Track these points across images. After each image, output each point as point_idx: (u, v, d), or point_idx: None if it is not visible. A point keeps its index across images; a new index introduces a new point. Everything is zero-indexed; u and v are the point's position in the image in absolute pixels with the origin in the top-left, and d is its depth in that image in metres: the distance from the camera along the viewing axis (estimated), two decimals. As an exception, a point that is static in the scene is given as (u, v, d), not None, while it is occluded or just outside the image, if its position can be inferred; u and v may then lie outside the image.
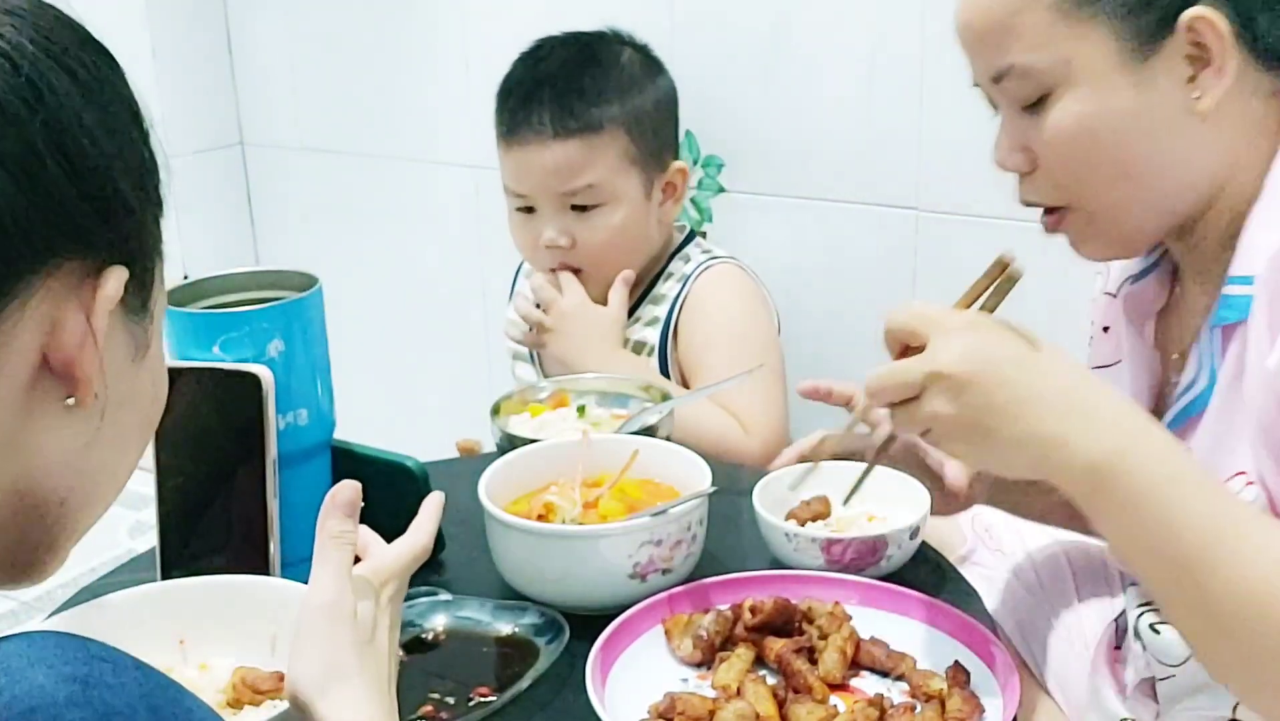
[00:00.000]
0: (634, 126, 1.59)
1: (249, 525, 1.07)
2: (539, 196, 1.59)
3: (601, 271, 1.62)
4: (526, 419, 1.38)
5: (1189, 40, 0.90)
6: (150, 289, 0.65)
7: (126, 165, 0.62)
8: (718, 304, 1.62)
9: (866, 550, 1.08)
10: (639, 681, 0.97)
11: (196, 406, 1.08)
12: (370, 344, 2.31)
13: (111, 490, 0.67)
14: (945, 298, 1.47)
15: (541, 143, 1.56)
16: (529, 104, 1.58)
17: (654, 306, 1.65)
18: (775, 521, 1.11)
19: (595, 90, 1.58)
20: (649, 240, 1.65)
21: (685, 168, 1.66)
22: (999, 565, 1.27)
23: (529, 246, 1.64)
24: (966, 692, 0.93)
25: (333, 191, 2.35)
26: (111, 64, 0.63)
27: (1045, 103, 0.95)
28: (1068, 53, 0.93)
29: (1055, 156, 0.96)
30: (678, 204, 1.66)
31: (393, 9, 2.16)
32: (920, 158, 1.71)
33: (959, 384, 0.82)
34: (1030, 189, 1.00)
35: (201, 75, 2.36)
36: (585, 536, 1.05)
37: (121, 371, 0.63)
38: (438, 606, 1.08)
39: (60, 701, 0.48)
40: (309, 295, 1.11)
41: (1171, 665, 1.00)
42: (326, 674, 0.72)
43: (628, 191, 1.59)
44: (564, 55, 1.62)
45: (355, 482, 0.82)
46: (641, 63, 1.65)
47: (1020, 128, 0.98)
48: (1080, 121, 0.94)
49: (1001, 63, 0.95)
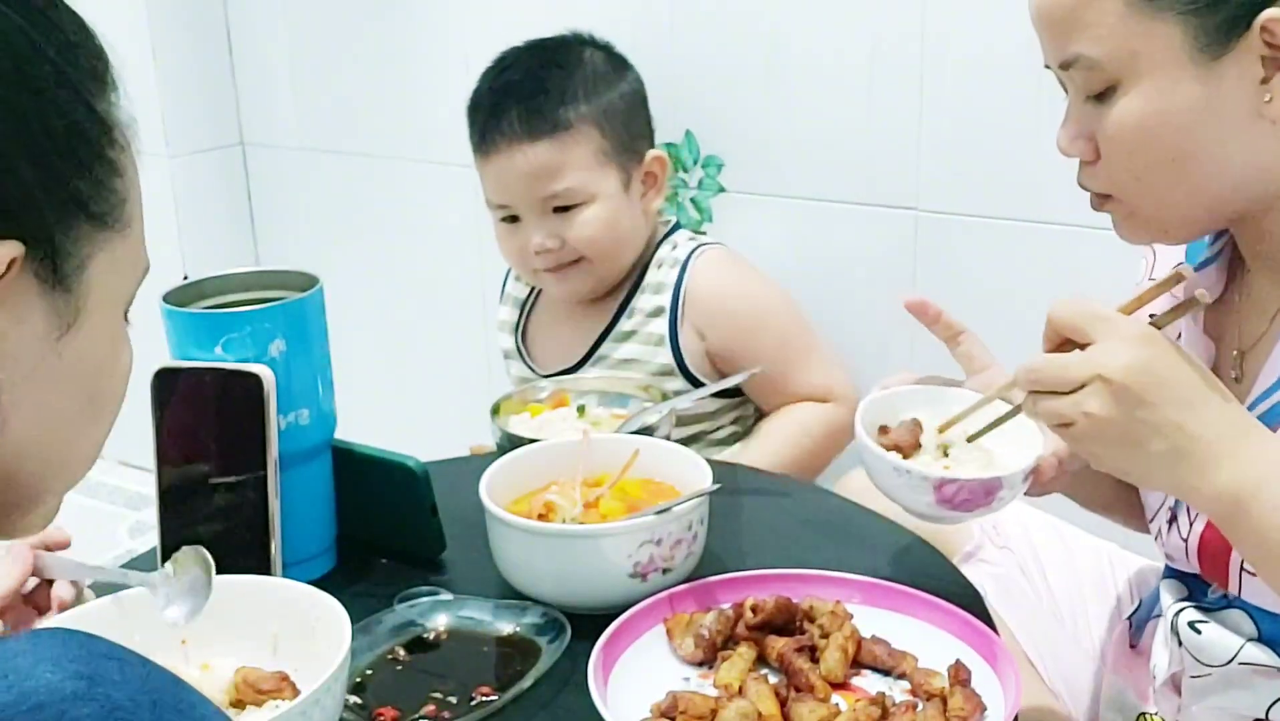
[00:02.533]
0: (604, 122, 1.61)
1: (250, 525, 1.07)
2: (520, 204, 1.61)
3: (599, 262, 1.63)
4: (526, 419, 1.38)
5: (1264, 41, 0.89)
6: (71, 260, 0.62)
7: (19, 132, 0.59)
8: (732, 295, 1.65)
9: (980, 492, 1.01)
10: (641, 680, 0.97)
11: (197, 406, 1.08)
12: (370, 344, 2.31)
13: (68, 464, 0.66)
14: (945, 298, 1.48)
15: (515, 148, 1.58)
16: (497, 113, 1.60)
17: (654, 296, 1.66)
18: (885, 455, 1.03)
19: (560, 90, 1.60)
20: (637, 231, 1.66)
21: (663, 156, 1.67)
22: (1005, 562, 1.27)
23: (516, 255, 1.66)
24: (968, 691, 0.93)
25: (333, 191, 2.35)
26: (4, 11, 0.59)
27: (1111, 94, 0.94)
28: (1136, 46, 0.91)
29: (1116, 149, 0.95)
30: (660, 193, 1.68)
31: (393, 9, 2.16)
32: (920, 158, 1.71)
33: (1122, 391, 0.82)
34: (1089, 177, 1.00)
35: (201, 75, 2.36)
36: (586, 536, 1.05)
37: (31, 346, 0.62)
38: (439, 606, 1.08)
39: (66, 697, 0.48)
40: (310, 295, 1.11)
41: (1211, 665, 1.00)
42: None
43: (606, 187, 1.61)
44: (528, 63, 1.65)
45: None
46: (605, 60, 1.67)
47: (1086, 116, 0.97)
48: (1144, 117, 0.93)
49: (1069, 51, 0.94)
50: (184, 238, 2.37)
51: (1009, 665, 0.95)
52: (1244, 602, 0.99)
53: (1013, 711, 0.90)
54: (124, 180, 0.66)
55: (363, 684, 0.99)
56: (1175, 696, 1.05)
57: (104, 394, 0.68)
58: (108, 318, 0.66)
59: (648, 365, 1.64)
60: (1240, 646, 0.99)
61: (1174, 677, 1.06)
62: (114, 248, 0.66)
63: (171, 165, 2.35)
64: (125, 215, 0.66)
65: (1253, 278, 1.03)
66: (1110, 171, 0.97)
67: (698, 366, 1.64)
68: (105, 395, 0.68)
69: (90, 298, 0.64)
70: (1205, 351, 1.03)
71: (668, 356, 1.63)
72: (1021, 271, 1.64)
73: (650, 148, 1.68)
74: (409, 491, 1.15)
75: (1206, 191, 0.95)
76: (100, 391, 0.67)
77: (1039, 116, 1.03)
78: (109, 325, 0.67)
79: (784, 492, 1.32)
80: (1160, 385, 0.82)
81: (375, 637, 1.04)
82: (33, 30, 0.60)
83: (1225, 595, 1.01)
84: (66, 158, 0.62)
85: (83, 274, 0.63)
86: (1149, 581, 1.21)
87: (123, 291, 0.68)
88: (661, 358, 1.64)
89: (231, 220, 2.46)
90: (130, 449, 2.61)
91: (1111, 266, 1.17)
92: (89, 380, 0.66)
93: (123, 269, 0.67)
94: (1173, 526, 1.04)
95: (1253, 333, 1.01)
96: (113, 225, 0.65)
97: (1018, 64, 0.99)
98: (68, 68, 0.62)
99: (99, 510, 2.50)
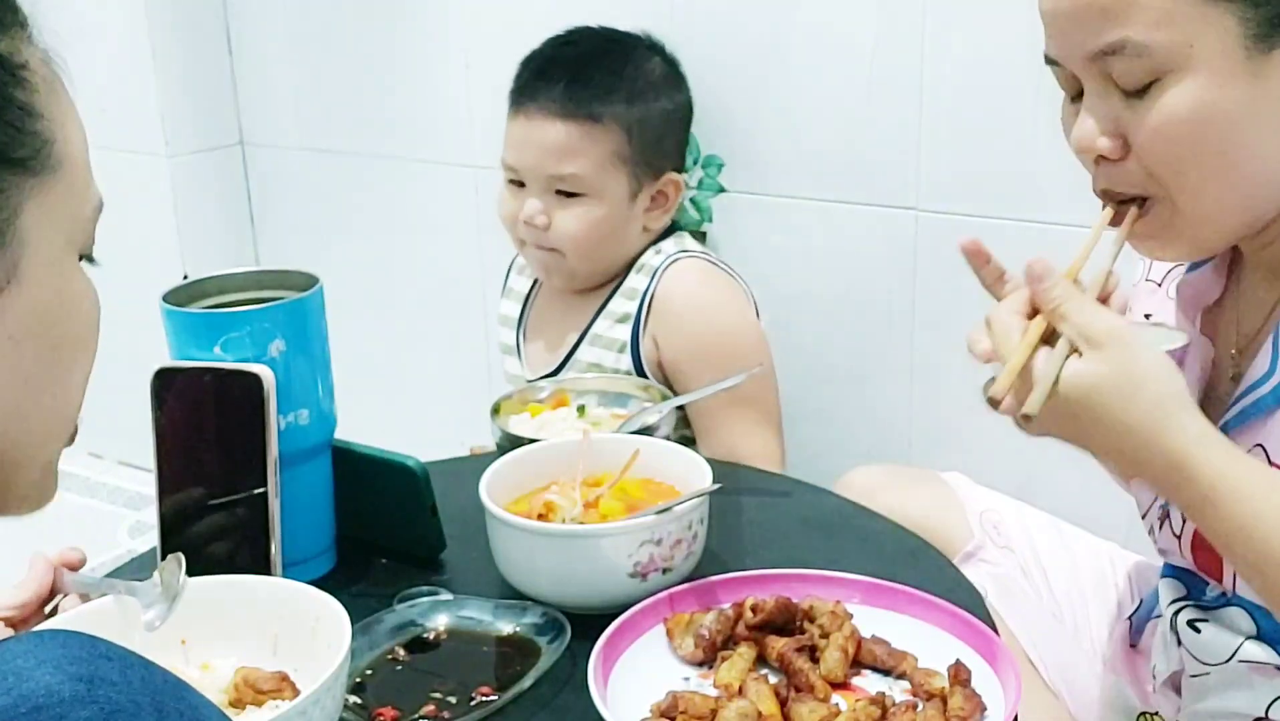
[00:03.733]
0: (635, 130, 1.61)
1: (249, 525, 1.07)
2: (528, 173, 1.62)
3: (575, 260, 1.63)
4: (526, 419, 1.38)
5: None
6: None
7: None
8: (693, 308, 1.62)
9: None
10: (641, 680, 0.97)
11: (197, 406, 1.08)
12: (370, 344, 2.31)
13: (47, 423, 0.64)
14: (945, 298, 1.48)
15: (543, 119, 1.59)
16: (540, 79, 1.62)
17: (626, 301, 1.66)
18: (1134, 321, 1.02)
19: (606, 85, 1.61)
20: (624, 241, 1.66)
21: (680, 182, 1.68)
22: (1006, 562, 1.27)
23: (511, 219, 1.66)
24: (968, 691, 0.93)
25: (333, 191, 2.35)
26: None
27: (1153, 87, 0.90)
28: (1191, 35, 0.88)
29: (1159, 144, 0.91)
30: (666, 214, 1.68)
31: (393, 9, 2.16)
32: (920, 158, 1.71)
33: (1067, 410, 0.85)
34: (1116, 177, 0.95)
35: (201, 75, 2.36)
36: (586, 535, 1.05)
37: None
38: (439, 606, 1.08)
39: (65, 700, 0.48)
40: (310, 295, 1.11)
41: (1210, 664, 1.00)
42: None
43: (611, 190, 1.61)
44: (590, 45, 1.66)
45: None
46: (663, 73, 1.69)
47: (1114, 110, 0.93)
48: (1196, 110, 0.89)
49: (1114, 36, 0.89)
50: (183, 237, 2.37)
51: (1009, 665, 0.95)
52: (1242, 599, 0.99)
53: (1013, 711, 0.90)
54: (46, 120, 0.62)
55: (363, 684, 0.99)
56: (1175, 696, 1.05)
57: (67, 340, 0.64)
58: (55, 265, 0.63)
59: (610, 370, 1.64)
60: (1239, 644, 0.99)
61: (1174, 677, 1.06)
62: (48, 191, 0.62)
63: (171, 165, 2.34)
64: (54, 157, 0.62)
65: (1251, 277, 1.03)
66: (1146, 167, 0.93)
67: (655, 377, 1.62)
68: (69, 342, 0.64)
69: (27, 249, 0.61)
70: (1203, 352, 1.03)
71: (629, 363, 1.63)
72: (1021, 271, 1.64)
73: (674, 170, 1.67)
74: (409, 491, 1.15)
75: (1247, 189, 0.92)
76: (63, 339, 0.64)
77: (1039, 116, 1.02)
78: (57, 272, 0.63)
79: (784, 492, 1.32)
80: (1099, 394, 0.85)
81: (375, 637, 1.04)
82: None
83: (1223, 593, 1.01)
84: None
85: (12, 226, 0.60)
86: (1150, 581, 1.21)
87: (68, 234, 0.64)
88: (623, 364, 1.63)
89: (231, 220, 2.45)
90: (130, 449, 2.61)
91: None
92: (44, 332, 0.63)
93: (63, 212, 0.63)
94: (1165, 523, 1.04)
95: (1250, 331, 1.01)
96: (39, 171, 0.61)
97: (1018, 64, 0.99)
98: None
99: (99, 510, 2.50)
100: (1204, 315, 1.05)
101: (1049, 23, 0.95)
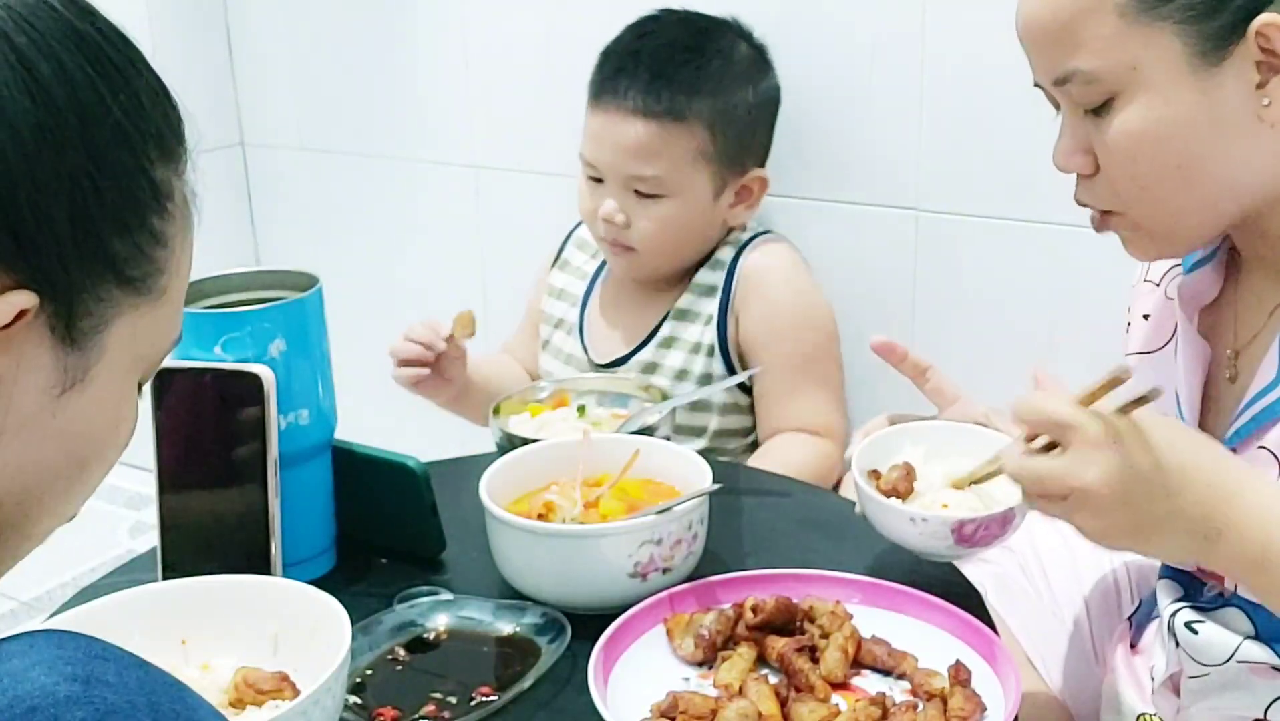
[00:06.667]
0: (719, 125, 1.56)
1: (249, 525, 1.07)
2: (607, 170, 1.57)
3: (651, 257, 1.60)
4: (526, 419, 1.38)
5: (1259, 46, 0.89)
6: (89, 319, 0.61)
7: (66, 185, 0.58)
8: (784, 281, 1.62)
9: (998, 524, 1.03)
10: (641, 680, 0.97)
11: (197, 406, 1.08)
12: (370, 344, 2.31)
13: (45, 517, 0.64)
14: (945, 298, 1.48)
15: (623, 116, 1.54)
16: (621, 75, 1.56)
17: (711, 273, 1.63)
18: (898, 506, 1.05)
19: (689, 81, 1.55)
20: (704, 238, 1.63)
21: (765, 178, 1.64)
22: (1005, 562, 1.27)
23: (590, 214, 1.62)
24: (968, 691, 0.93)
25: (333, 191, 2.35)
26: (80, 63, 0.59)
27: (1109, 107, 0.94)
28: (1134, 58, 0.91)
29: (1118, 161, 0.95)
30: (750, 210, 1.65)
31: (393, 9, 2.16)
32: (920, 158, 1.71)
33: (1103, 500, 0.83)
34: (1088, 192, 0.99)
35: (201, 75, 2.36)
36: (586, 536, 1.05)
37: (31, 397, 0.60)
38: (439, 606, 1.08)
39: (61, 700, 0.48)
40: (310, 295, 1.11)
41: (1208, 664, 1.00)
42: None
43: (694, 188, 1.57)
44: (672, 35, 1.60)
45: None
46: (751, 61, 1.63)
47: (1083, 130, 0.97)
48: (1145, 127, 0.92)
49: (1065, 66, 0.94)
50: (184, 237, 2.37)
51: (1009, 665, 0.95)
52: (1240, 599, 0.99)
53: (1013, 711, 0.90)
54: (166, 252, 0.64)
55: (363, 684, 0.99)
56: (1174, 697, 1.05)
57: (94, 460, 0.66)
58: (118, 381, 0.64)
59: (689, 344, 1.62)
60: (1238, 644, 0.99)
61: (1173, 678, 1.06)
62: (141, 314, 0.64)
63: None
64: (161, 285, 0.64)
65: (1249, 277, 1.03)
66: (1112, 183, 0.97)
67: (734, 352, 1.61)
68: (95, 462, 0.66)
69: (103, 359, 0.62)
70: (1200, 352, 1.04)
71: (713, 336, 1.61)
72: (1021, 271, 1.64)
73: (758, 166, 1.63)
74: (409, 491, 1.15)
75: (1210, 197, 0.95)
76: (91, 458, 0.65)
77: (1039, 117, 1.03)
78: (117, 389, 0.65)
79: (784, 492, 1.32)
80: (1140, 481, 0.83)
81: (375, 637, 1.04)
82: (103, 86, 0.60)
83: (1221, 593, 1.01)
84: (109, 219, 0.60)
85: (99, 335, 0.62)
86: (1149, 581, 1.21)
87: (142, 357, 0.66)
88: (707, 338, 1.61)
89: (231, 220, 2.45)
90: (130, 449, 2.60)
91: (1110, 267, 1.17)
92: (82, 443, 0.64)
93: (146, 336, 0.65)
94: None
95: (1248, 332, 1.01)
96: (144, 293, 0.63)
97: (1018, 64, 0.99)
98: (132, 130, 0.61)
99: (99, 510, 2.50)
100: (1201, 315, 1.05)
101: (1024, 50, 0.99)
